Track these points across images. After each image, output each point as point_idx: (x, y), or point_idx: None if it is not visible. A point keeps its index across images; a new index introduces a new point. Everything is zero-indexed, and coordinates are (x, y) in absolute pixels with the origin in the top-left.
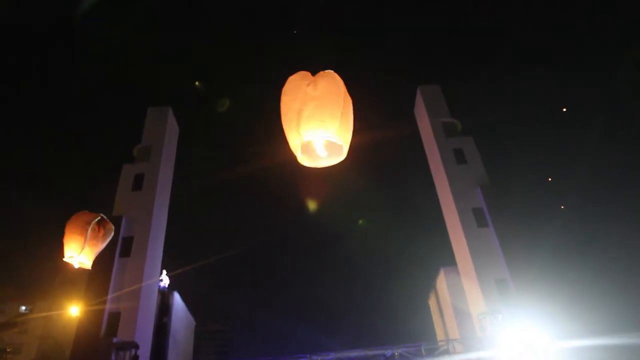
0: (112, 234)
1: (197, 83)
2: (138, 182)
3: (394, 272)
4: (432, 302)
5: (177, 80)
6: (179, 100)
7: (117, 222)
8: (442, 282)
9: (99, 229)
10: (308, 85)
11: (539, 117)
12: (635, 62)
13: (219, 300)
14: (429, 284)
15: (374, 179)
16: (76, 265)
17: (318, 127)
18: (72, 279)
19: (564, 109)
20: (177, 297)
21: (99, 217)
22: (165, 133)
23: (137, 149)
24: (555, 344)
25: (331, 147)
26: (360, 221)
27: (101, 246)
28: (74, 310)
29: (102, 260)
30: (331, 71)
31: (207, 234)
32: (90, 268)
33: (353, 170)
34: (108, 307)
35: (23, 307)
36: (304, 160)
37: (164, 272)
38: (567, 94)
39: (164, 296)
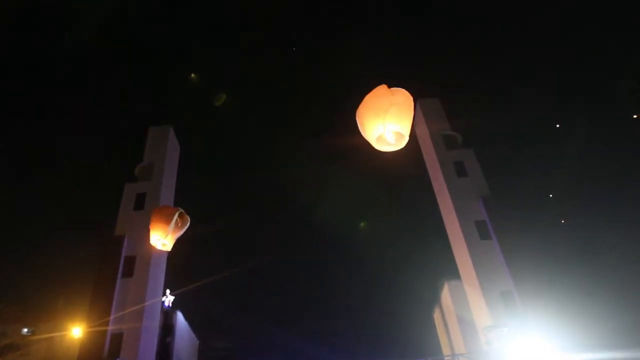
0: (188, 224)
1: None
2: (140, 202)
3: (397, 287)
4: (437, 316)
5: (179, 98)
6: (179, 119)
7: (119, 242)
8: (446, 295)
9: (179, 219)
10: (392, 94)
11: (540, 128)
12: (635, 74)
13: (224, 319)
14: (434, 298)
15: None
16: (159, 247)
17: (397, 123)
18: (75, 300)
19: (557, 125)
20: (180, 317)
21: (180, 211)
22: (167, 152)
23: (138, 168)
24: (563, 356)
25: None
26: (363, 223)
27: (179, 234)
28: (76, 331)
29: (105, 281)
30: (403, 89)
31: (211, 251)
32: (169, 250)
33: (353, 185)
34: (111, 328)
35: (25, 329)
36: (378, 145)
37: (167, 291)
38: (568, 107)
39: (167, 316)
